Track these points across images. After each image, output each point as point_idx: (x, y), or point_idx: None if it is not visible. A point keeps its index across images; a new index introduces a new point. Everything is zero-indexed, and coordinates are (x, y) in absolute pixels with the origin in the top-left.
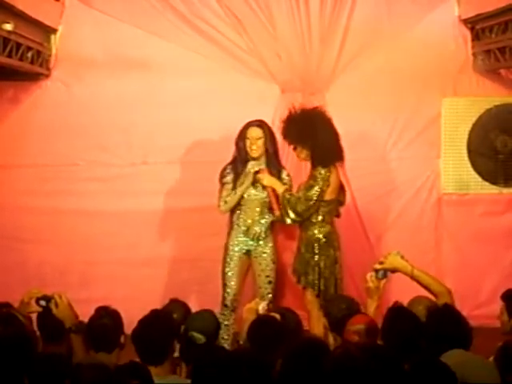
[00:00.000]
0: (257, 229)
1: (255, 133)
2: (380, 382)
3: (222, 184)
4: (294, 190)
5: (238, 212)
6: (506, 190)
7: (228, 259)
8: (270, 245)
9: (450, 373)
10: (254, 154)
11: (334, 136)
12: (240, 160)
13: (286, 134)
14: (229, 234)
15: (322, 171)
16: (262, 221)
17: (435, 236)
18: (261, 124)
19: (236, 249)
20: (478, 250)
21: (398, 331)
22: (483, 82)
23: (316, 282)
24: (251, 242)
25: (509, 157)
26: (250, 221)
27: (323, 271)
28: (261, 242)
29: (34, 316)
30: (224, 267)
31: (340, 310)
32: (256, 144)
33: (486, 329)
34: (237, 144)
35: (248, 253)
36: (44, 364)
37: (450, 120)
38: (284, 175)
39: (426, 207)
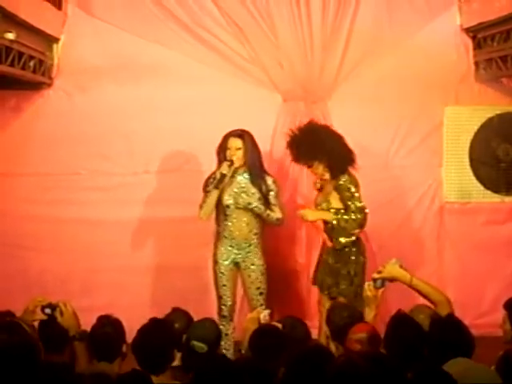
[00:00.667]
0: (245, 196)
1: (235, 143)
2: None
3: (206, 193)
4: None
5: (224, 223)
6: (507, 199)
7: (220, 273)
8: (259, 255)
9: (452, 381)
10: (235, 164)
11: (342, 140)
12: None
13: (299, 157)
14: (215, 245)
15: (346, 177)
16: (255, 203)
17: (437, 244)
18: (241, 134)
19: (226, 262)
20: (480, 259)
21: (401, 339)
22: (485, 90)
23: (347, 290)
24: (240, 255)
25: (511, 165)
26: (237, 232)
27: (354, 279)
28: (249, 254)
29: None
30: (217, 280)
31: (342, 318)
32: (236, 154)
33: (488, 338)
34: (218, 154)
35: (237, 264)
36: (47, 373)
37: (452, 129)
38: (270, 182)
39: (428, 216)
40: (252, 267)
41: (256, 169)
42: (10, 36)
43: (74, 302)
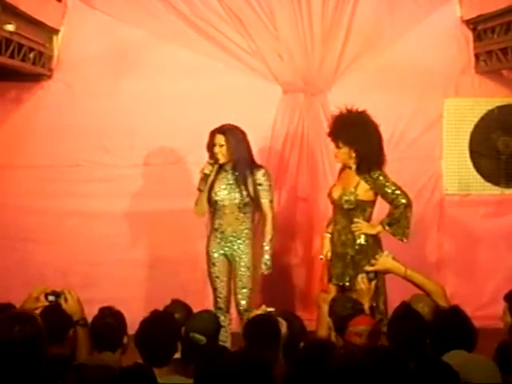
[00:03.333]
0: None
1: (219, 140)
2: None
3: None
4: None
5: (214, 217)
6: (507, 191)
7: (212, 265)
8: (247, 251)
9: (453, 373)
10: (220, 160)
11: (381, 141)
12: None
13: (338, 134)
14: (208, 238)
15: (378, 171)
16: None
17: (437, 236)
18: (224, 130)
19: (216, 255)
20: (480, 251)
21: (405, 331)
22: (485, 82)
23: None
24: (229, 249)
25: (511, 158)
26: (226, 226)
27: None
28: (237, 249)
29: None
30: (210, 272)
31: (345, 308)
32: (221, 151)
33: (488, 330)
34: (207, 151)
35: (228, 256)
36: (47, 364)
37: (452, 121)
38: (259, 176)
39: (429, 208)
40: (238, 261)
41: (241, 165)
42: (10, 28)
43: None
